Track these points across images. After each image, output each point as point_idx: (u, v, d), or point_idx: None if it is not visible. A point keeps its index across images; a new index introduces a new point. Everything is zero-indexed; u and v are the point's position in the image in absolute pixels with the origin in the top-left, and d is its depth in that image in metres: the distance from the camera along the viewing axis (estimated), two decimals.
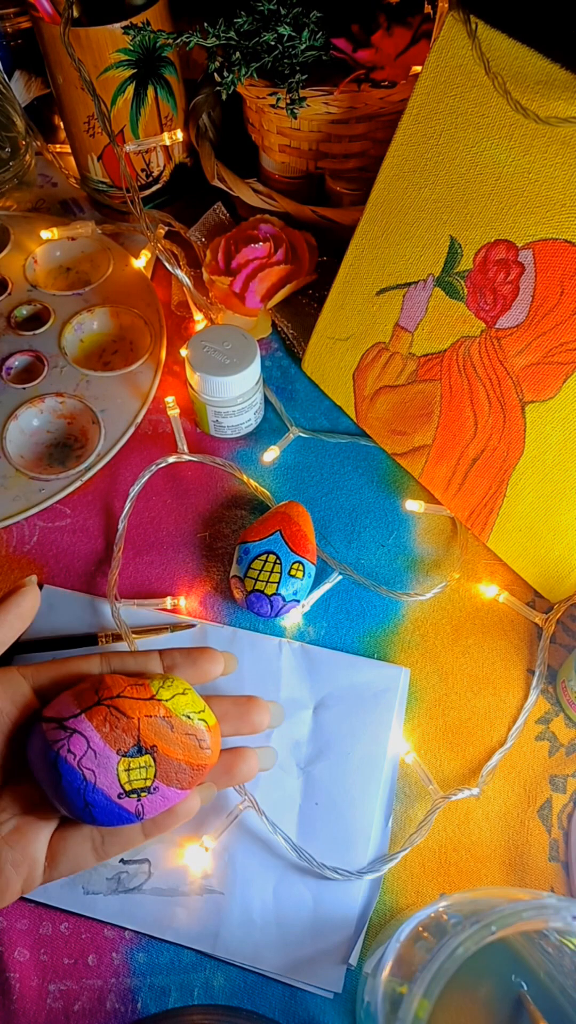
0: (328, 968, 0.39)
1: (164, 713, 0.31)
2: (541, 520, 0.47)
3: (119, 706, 0.31)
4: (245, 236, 0.62)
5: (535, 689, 0.46)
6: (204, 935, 0.40)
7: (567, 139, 0.39)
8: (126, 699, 0.31)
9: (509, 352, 0.45)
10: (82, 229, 0.65)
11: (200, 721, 0.32)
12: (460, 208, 0.45)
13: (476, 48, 0.41)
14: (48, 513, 0.54)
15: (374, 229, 0.50)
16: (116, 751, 0.31)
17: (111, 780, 0.30)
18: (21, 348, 0.60)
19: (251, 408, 0.55)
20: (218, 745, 0.33)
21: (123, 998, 0.39)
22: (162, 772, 0.31)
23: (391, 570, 0.51)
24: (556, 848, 0.43)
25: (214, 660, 0.36)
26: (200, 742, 0.32)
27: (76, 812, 0.31)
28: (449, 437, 0.50)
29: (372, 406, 0.55)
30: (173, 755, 0.31)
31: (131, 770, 0.31)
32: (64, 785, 0.30)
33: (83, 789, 0.30)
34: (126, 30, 0.55)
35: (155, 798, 0.31)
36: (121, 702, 0.31)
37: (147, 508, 0.54)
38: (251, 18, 0.53)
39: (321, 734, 0.45)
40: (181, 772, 0.32)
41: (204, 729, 0.32)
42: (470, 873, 0.42)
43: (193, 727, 0.32)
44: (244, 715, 0.36)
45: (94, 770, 0.30)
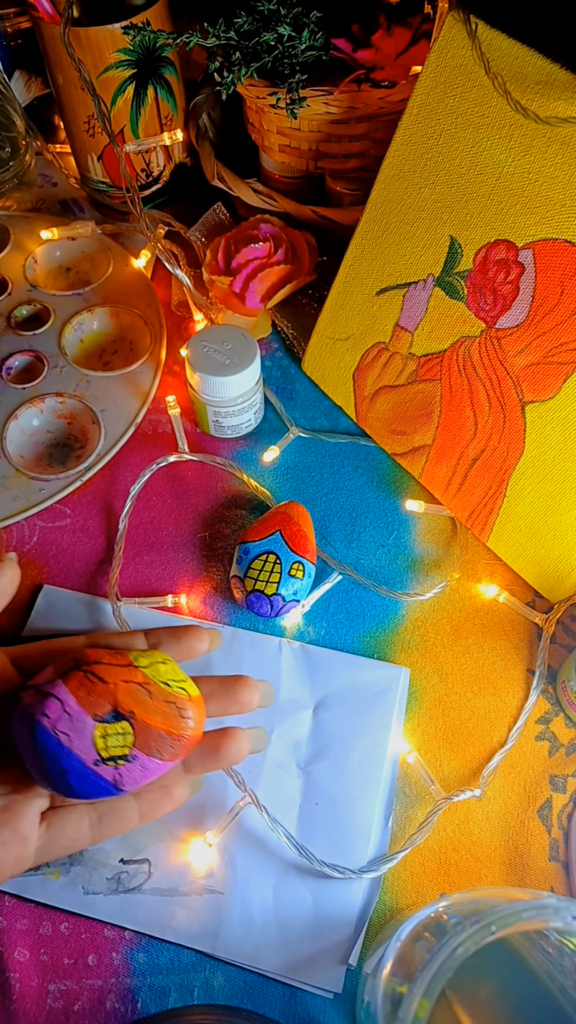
0: (328, 968, 0.39)
1: (142, 679, 0.31)
2: (541, 520, 0.47)
3: (96, 671, 0.30)
4: (245, 236, 0.62)
5: (535, 689, 0.46)
6: (204, 935, 0.40)
7: (567, 139, 0.39)
8: (103, 665, 0.31)
9: (509, 352, 0.45)
10: (82, 229, 0.65)
11: (180, 689, 0.31)
12: (460, 208, 0.45)
13: (476, 48, 0.41)
14: (48, 513, 0.54)
15: (374, 229, 0.50)
16: (92, 716, 0.30)
17: (87, 745, 0.29)
18: (21, 348, 0.60)
19: (251, 408, 0.55)
20: (202, 718, 0.32)
21: (123, 998, 0.39)
22: (141, 740, 0.30)
23: (391, 570, 0.51)
24: (556, 848, 0.43)
25: (199, 637, 0.36)
26: (181, 711, 0.31)
27: (53, 780, 0.30)
28: (449, 437, 0.50)
29: (372, 406, 0.55)
30: (152, 722, 0.30)
31: (108, 736, 0.30)
32: (40, 750, 0.29)
33: (58, 753, 0.29)
34: (126, 30, 0.55)
35: (133, 767, 0.30)
36: (98, 668, 0.30)
37: (147, 508, 0.54)
38: (251, 18, 0.53)
39: (321, 734, 0.45)
40: (161, 742, 0.30)
41: (185, 698, 0.31)
42: (470, 873, 0.42)
43: (173, 695, 0.31)
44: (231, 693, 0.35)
45: (69, 734, 0.29)
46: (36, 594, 0.50)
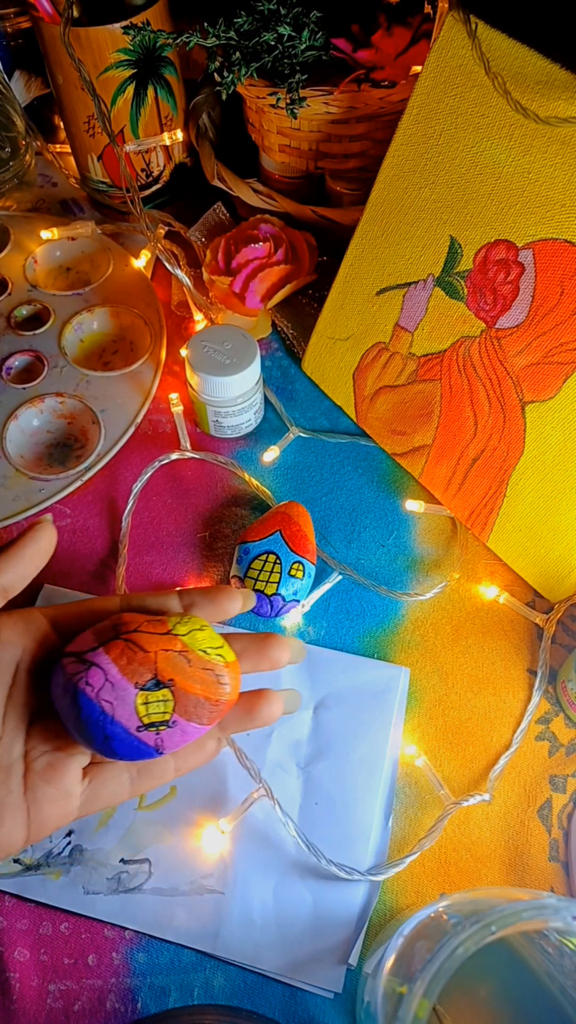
0: (328, 968, 0.39)
1: (181, 648, 0.31)
2: (541, 520, 0.47)
3: (136, 640, 0.31)
4: (245, 236, 0.62)
5: (538, 690, 0.46)
6: (204, 935, 0.40)
7: (567, 139, 0.39)
8: (143, 634, 0.31)
9: (509, 352, 0.45)
10: (82, 229, 0.65)
11: (218, 656, 0.32)
12: (460, 208, 0.45)
13: (476, 48, 0.41)
14: (48, 513, 0.53)
15: (374, 229, 0.50)
16: (133, 684, 0.30)
17: (129, 713, 0.30)
18: (21, 348, 0.60)
19: (251, 408, 0.55)
20: (238, 682, 0.33)
21: (123, 998, 0.39)
22: (181, 706, 0.31)
23: (391, 570, 0.51)
24: (556, 848, 0.43)
25: (232, 597, 0.36)
26: (218, 677, 0.32)
27: (97, 745, 0.31)
28: (449, 437, 0.50)
29: (372, 406, 0.55)
30: (191, 689, 0.31)
31: (149, 703, 0.31)
32: (84, 718, 0.30)
33: (102, 721, 0.30)
34: (126, 30, 0.55)
35: (174, 732, 0.31)
36: (138, 636, 0.31)
37: (147, 508, 0.54)
38: (251, 18, 0.53)
39: (321, 734, 0.45)
40: (200, 707, 0.31)
41: (222, 665, 0.32)
42: (470, 873, 0.42)
43: (211, 662, 0.32)
44: (262, 650, 0.35)
45: (112, 702, 0.30)
46: (36, 594, 0.50)
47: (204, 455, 0.55)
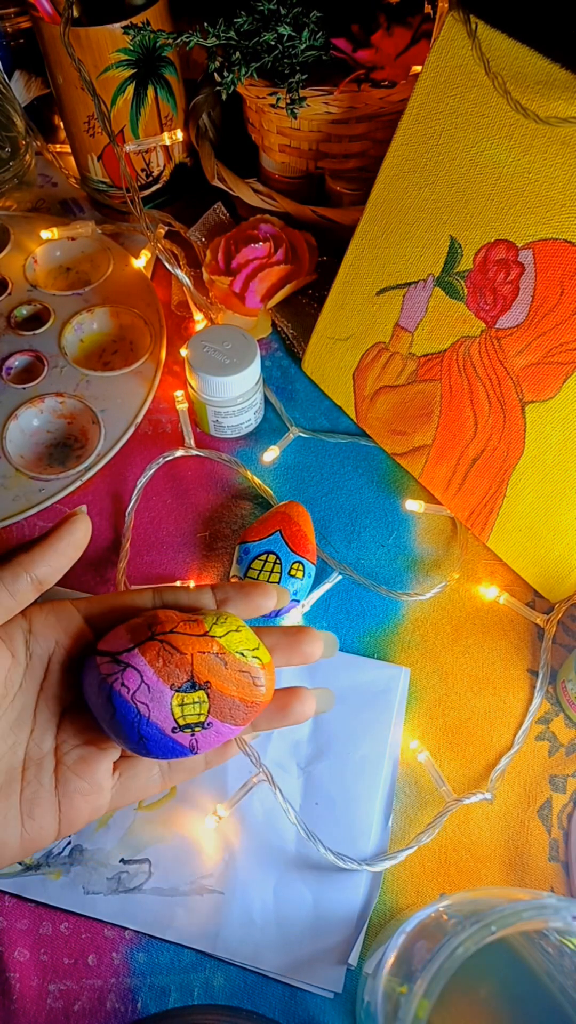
0: (328, 968, 0.39)
1: (218, 650, 0.31)
2: (541, 520, 0.47)
3: (172, 641, 0.31)
4: (245, 236, 0.62)
5: (539, 692, 0.46)
6: (204, 935, 0.40)
7: (567, 139, 0.39)
8: (179, 635, 0.31)
9: (509, 352, 0.45)
10: (82, 229, 0.65)
11: (254, 659, 0.32)
12: (460, 208, 0.45)
13: (476, 48, 0.41)
14: (48, 513, 0.54)
15: (374, 229, 0.50)
16: (169, 686, 0.30)
17: (165, 714, 0.30)
18: (21, 348, 0.60)
19: (251, 408, 0.55)
20: (272, 683, 0.33)
21: (123, 998, 0.39)
22: (216, 708, 0.31)
23: (391, 570, 0.51)
24: (556, 848, 0.43)
25: (267, 594, 0.36)
26: (254, 679, 0.32)
27: (131, 745, 0.31)
28: (449, 437, 0.50)
29: (372, 406, 0.55)
30: (227, 692, 0.31)
31: (185, 705, 0.31)
32: (118, 718, 0.30)
33: (137, 723, 0.30)
34: (126, 30, 0.55)
35: (209, 733, 0.31)
36: (174, 638, 0.31)
37: (147, 508, 0.54)
38: (251, 18, 0.53)
39: (321, 734, 0.45)
40: (235, 709, 0.31)
41: (258, 667, 0.32)
42: (470, 873, 0.42)
43: (247, 664, 0.32)
44: (295, 645, 0.35)
45: (148, 704, 0.30)
46: None
47: (208, 452, 0.56)
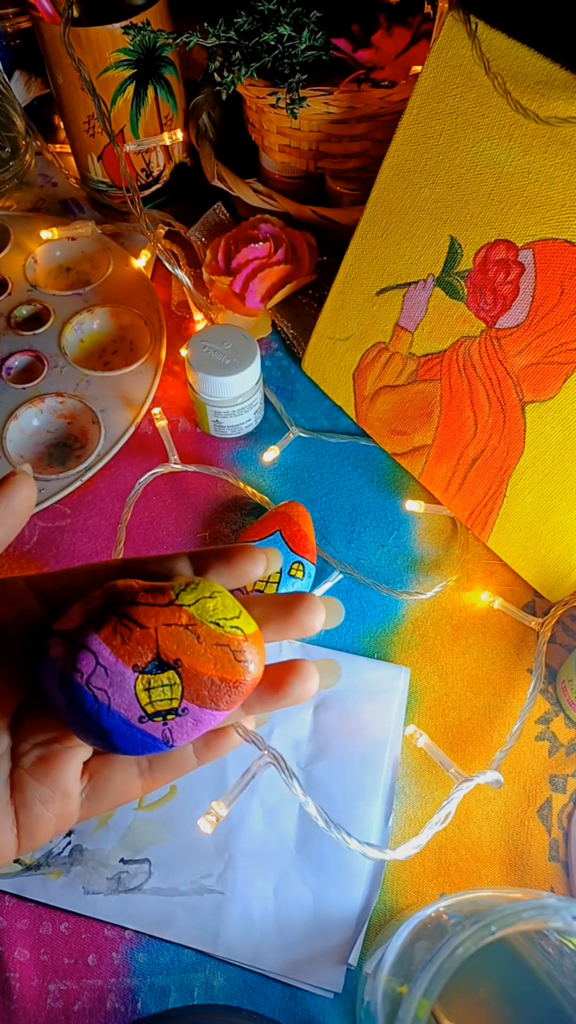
0: (328, 968, 0.39)
1: (187, 620, 0.26)
2: (541, 520, 0.47)
3: (132, 614, 0.26)
4: (245, 236, 0.62)
5: (531, 695, 0.46)
6: (204, 935, 0.40)
7: (567, 139, 0.39)
8: (140, 606, 0.26)
9: (509, 352, 0.45)
10: (82, 229, 0.65)
11: (234, 628, 0.27)
12: (460, 208, 0.45)
13: (476, 48, 0.41)
14: (48, 513, 0.54)
15: (374, 229, 0.50)
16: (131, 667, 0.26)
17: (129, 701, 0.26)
18: (21, 348, 0.60)
19: (251, 408, 0.55)
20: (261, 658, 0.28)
21: (123, 998, 0.39)
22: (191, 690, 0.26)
23: (391, 570, 0.51)
24: (556, 848, 0.43)
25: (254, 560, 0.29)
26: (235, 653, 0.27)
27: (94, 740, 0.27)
28: (449, 437, 0.50)
29: (372, 406, 0.55)
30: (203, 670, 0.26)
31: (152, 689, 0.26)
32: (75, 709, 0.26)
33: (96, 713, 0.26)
34: (126, 30, 0.55)
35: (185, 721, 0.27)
36: (134, 610, 0.26)
37: (147, 509, 0.54)
38: (251, 18, 0.53)
39: (321, 734, 0.45)
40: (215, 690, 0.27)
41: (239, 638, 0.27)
42: (470, 873, 0.42)
43: (225, 635, 0.27)
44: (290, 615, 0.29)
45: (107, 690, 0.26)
46: None
47: (195, 468, 0.55)
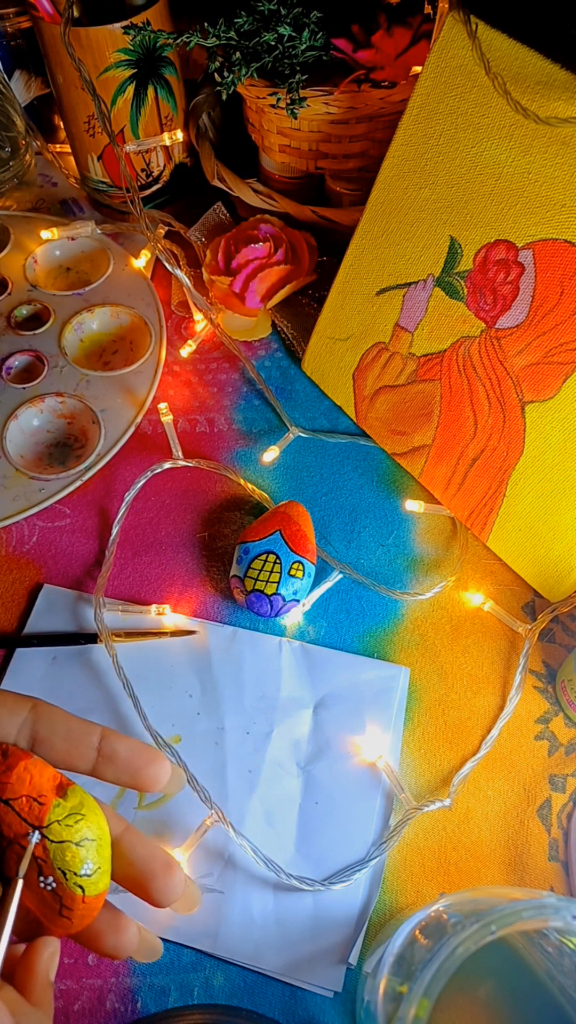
0: (328, 967, 0.39)
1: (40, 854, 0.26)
2: (541, 520, 0.47)
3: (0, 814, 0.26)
4: (245, 236, 0.62)
5: (512, 700, 0.46)
6: (204, 934, 0.40)
7: (567, 139, 0.39)
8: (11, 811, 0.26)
9: (509, 352, 0.45)
10: (82, 229, 0.65)
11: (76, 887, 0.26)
12: (460, 208, 0.45)
13: (476, 48, 0.41)
14: (48, 513, 0.54)
15: (374, 229, 0.50)
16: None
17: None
18: (21, 348, 0.60)
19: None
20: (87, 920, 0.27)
21: (123, 998, 0.39)
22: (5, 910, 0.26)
23: (391, 570, 0.51)
24: (556, 848, 0.43)
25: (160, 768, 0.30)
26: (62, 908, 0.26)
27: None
28: (449, 437, 0.50)
29: (372, 406, 0.55)
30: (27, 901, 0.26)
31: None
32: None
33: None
34: (126, 30, 0.55)
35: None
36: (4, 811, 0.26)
37: (146, 508, 0.54)
38: (251, 18, 0.53)
39: (321, 733, 0.45)
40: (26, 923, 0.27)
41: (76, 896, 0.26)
42: (470, 873, 0.42)
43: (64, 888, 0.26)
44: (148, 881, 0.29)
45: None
46: (36, 594, 0.50)
47: (196, 463, 0.55)
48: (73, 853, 0.26)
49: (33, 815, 0.26)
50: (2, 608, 0.50)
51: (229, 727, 0.45)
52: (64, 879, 0.26)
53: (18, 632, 0.49)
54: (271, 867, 0.40)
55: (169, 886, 0.29)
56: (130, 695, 0.45)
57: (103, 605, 0.48)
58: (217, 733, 0.45)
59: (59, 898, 0.26)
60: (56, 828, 0.26)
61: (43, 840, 0.26)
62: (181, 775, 0.33)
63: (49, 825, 0.26)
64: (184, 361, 0.61)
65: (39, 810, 0.26)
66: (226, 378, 0.61)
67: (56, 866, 0.26)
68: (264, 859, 0.40)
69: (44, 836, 0.26)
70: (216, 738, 0.45)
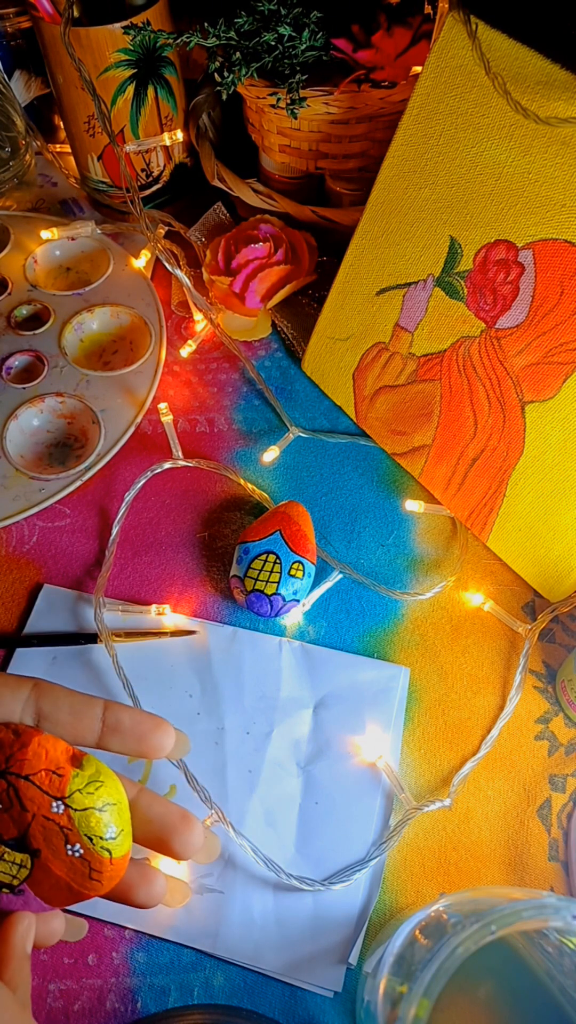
0: (328, 967, 0.39)
1: (66, 823, 0.27)
2: (541, 520, 0.47)
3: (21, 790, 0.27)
4: (245, 236, 0.62)
5: (512, 699, 0.46)
6: (204, 934, 0.40)
7: (567, 139, 0.39)
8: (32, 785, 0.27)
9: (509, 352, 0.45)
10: (82, 229, 0.65)
11: (103, 850, 0.28)
12: (460, 208, 0.45)
13: (476, 48, 0.41)
14: (48, 513, 0.54)
15: (374, 229, 0.50)
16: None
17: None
18: (21, 348, 0.60)
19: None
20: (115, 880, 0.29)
21: (123, 998, 0.39)
22: (35, 880, 0.28)
23: (391, 570, 0.51)
24: (556, 848, 0.43)
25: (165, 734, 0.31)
26: (91, 871, 0.28)
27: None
28: (449, 437, 0.50)
29: (372, 406, 0.55)
30: (55, 869, 0.27)
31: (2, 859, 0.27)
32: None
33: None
34: (126, 30, 0.55)
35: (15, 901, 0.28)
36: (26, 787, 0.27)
37: (146, 508, 0.54)
38: (251, 18, 0.53)
39: (321, 733, 0.45)
40: (57, 889, 0.28)
41: (104, 859, 0.28)
42: (470, 873, 0.42)
43: (92, 852, 0.27)
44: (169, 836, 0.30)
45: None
46: (36, 594, 0.50)
47: (196, 462, 0.55)
48: (97, 819, 0.28)
49: (54, 787, 0.27)
50: (2, 608, 0.50)
51: (229, 727, 0.45)
52: (91, 844, 0.27)
53: (18, 632, 0.49)
54: (271, 867, 0.40)
55: (190, 838, 0.30)
56: (130, 695, 0.45)
57: (103, 605, 0.48)
58: (217, 733, 0.45)
59: (87, 863, 0.28)
60: (78, 797, 0.28)
61: (67, 810, 0.27)
62: (186, 740, 0.34)
63: (71, 795, 0.28)
64: (184, 361, 0.61)
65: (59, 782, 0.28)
66: (226, 378, 0.61)
67: (82, 833, 0.27)
68: (264, 859, 0.40)
69: (67, 806, 0.27)
70: (216, 738, 0.45)
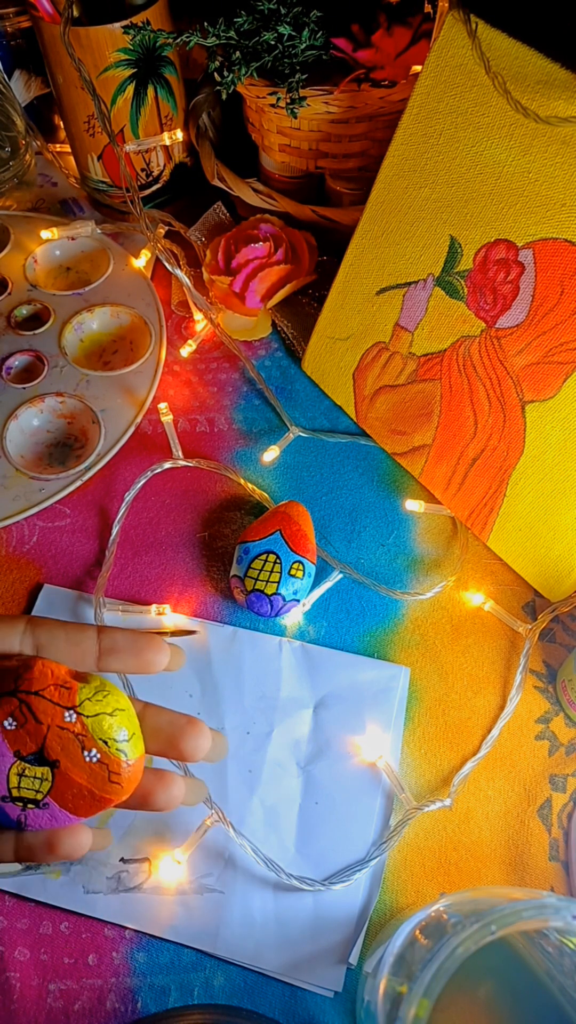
0: (328, 967, 0.39)
1: (80, 730, 0.29)
2: (541, 520, 0.47)
3: (33, 705, 0.28)
4: (245, 236, 0.62)
5: (512, 699, 0.46)
6: (204, 934, 0.40)
7: (567, 139, 0.39)
8: (43, 700, 0.29)
9: (509, 352, 0.45)
10: (82, 229, 0.65)
11: (119, 752, 0.29)
12: (460, 208, 0.45)
13: (476, 48, 0.41)
14: (48, 513, 0.54)
15: (374, 229, 0.50)
16: (14, 752, 0.28)
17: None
18: (21, 348, 0.60)
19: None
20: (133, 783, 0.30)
21: (123, 998, 0.39)
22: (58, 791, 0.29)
23: (391, 570, 0.51)
24: (556, 848, 0.43)
25: (159, 650, 0.32)
26: (111, 774, 0.29)
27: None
28: (449, 437, 0.50)
29: (372, 406, 0.55)
30: (76, 777, 0.29)
31: (24, 776, 0.28)
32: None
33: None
34: (126, 30, 0.55)
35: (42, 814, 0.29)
36: (37, 701, 0.28)
37: (146, 508, 0.54)
38: (251, 18, 0.53)
39: (321, 733, 0.45)
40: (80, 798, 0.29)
41: (121, 761, 0.29)
42: (470, 873, 0.42)
43: (108, 755, 0.29)
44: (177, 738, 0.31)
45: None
46: (36, 594, 0.50)
47: (196, 462, 0.55)
48: (109, 723, 0.29)
49: (65, 699, 0.29)
50: (2, 608, 0.50)
51: (229, 727, 0.45)
52: (107, 747, 0.29)
53: None
54: (271, 867, 0.40)
55: (198, 739, 0.31)
56: (130, 695, 0.45)
57: (103, 605, 0.48)
58: None
59: (105, 766, 0.29)
60: (88, 705, 0.29)
61: (79, 717, 0.29)
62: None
63: (81, 703, 0.29)
64: (184, 361, 0.61)
65: (68, 694, 0.29)
66: (226, 378, 0.61)
67: (97, 737, 0.29)
68: (264, 859, 0.41)
69: (79, 714, 0.29)
70: None
